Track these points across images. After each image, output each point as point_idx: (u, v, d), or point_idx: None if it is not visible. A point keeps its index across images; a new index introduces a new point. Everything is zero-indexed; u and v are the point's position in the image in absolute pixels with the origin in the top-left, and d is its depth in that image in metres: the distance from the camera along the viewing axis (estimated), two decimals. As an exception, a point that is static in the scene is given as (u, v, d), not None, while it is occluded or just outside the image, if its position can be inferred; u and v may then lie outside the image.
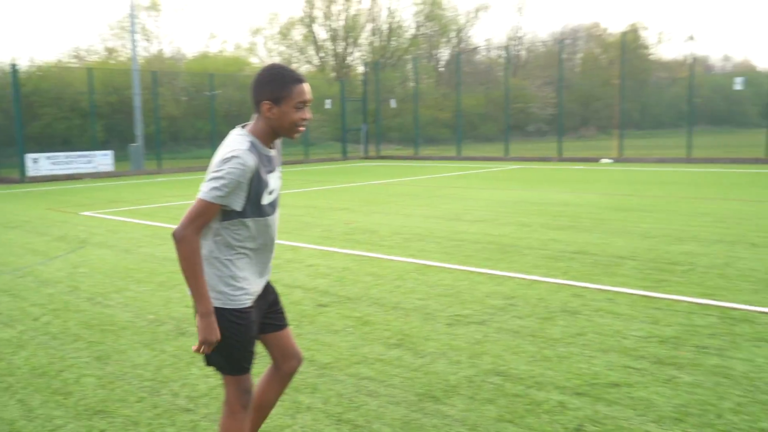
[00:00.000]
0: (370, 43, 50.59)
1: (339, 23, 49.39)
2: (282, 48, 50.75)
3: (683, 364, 4.30)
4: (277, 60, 48.75)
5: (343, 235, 9.65)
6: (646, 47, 53.80)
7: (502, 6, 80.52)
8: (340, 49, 49.96)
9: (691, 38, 50.35)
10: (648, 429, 3.43)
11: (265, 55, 50.72)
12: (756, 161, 22.91)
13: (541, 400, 3.81)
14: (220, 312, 2.54)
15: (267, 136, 2.59)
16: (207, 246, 2.56)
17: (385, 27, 50.83)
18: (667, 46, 54.04)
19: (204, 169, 20.87)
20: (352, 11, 49.30)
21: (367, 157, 33.52)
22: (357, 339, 4.98)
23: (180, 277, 6.14)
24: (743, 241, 8.28)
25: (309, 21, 49.67)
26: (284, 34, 50.19)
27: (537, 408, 3.72)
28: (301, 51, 50.75)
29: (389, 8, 50.88)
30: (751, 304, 5.55)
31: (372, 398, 3.91)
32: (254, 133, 2.57)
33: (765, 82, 48.63)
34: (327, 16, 49.18)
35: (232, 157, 2.44)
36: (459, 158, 30.11)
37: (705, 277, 6.52)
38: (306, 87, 2.55)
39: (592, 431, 3.45)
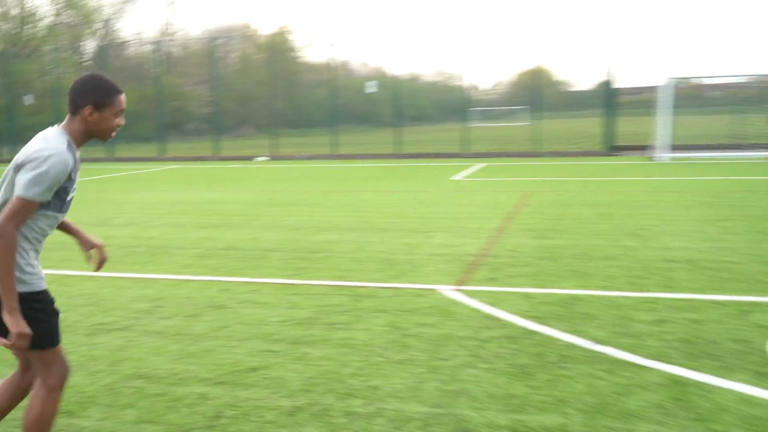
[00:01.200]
0: (-4, 30, 44.66)
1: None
2: None
3: (315, 340, 4.80)
4: None
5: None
6: (294, 50, 57.10)
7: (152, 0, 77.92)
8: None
9: (332, 44, 54.71)
10: (280, 403, 3.77)
11: None
12: (389, 156, 26.04)
13: (182, 395, 3.92)
14: (25, 297, 2.65)
15: (81, 137, 2.73)
16: None
17: (15, 11, 45.34)
18: (313, 50, 57.97)
19: None
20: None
21: (-1, 161, 29.66)
22: (-23, 364, 4.50)
23: None
24: (374, 228, 9.43)
25: None
26: None
27: (178, 403, 3.81)
28: None
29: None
30: (374, 281, 6.40)
31: (-7, 425, 3.59)
32: (70, 134, 2.69)
33: (396, 86, 55.45)
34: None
35: (53, 155, 2.55)
36: (111, 159, 28.43)
37: (340, 262, 7.29)
38: (124, 97, 2.76)
39: (230, 415, 3.67)
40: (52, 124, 2.85)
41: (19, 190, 2.52)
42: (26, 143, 2.74)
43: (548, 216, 9.96)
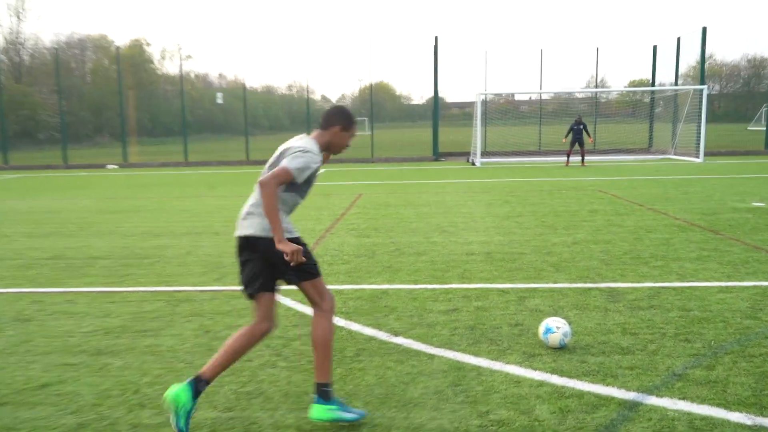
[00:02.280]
0: None
1: None
2: None
3: (120, 350, 4.30)
4: None
5: None
6: (151, 61, 54.00)
7: None
8: None
9: (189, 57, 52.42)
10: (64, 421, 3.28)
11: None
12: (240, 163, 25.20)
13: (-46, 421, 3.31)
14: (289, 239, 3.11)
15: (323, 147, 3.30)
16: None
17: None
18: (170, 62, 55.10)
19: None
20: None
21: None
22: None
23: None
24: (209, 231, 8.89)
25: None
26: None
27: (-54, 431, 3.21)
28: None
29: None
30: (195, 285, 5.95)
31: None
32: (318, 143, 3.26)
33: (250, 97, 54.09)
34: None
35: (311, 152, 3.14)
36: (-50, 169, 25.18)
37: (167, 267, 6.74)
38: (357, 127, 3.38)
39: (7, 439, 3.13)
40: None
41: (283, 162, 3.08)
42: None
43: (372, 216, 9.93)
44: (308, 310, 5.02)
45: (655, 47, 27.77)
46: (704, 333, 4.30)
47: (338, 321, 4.76)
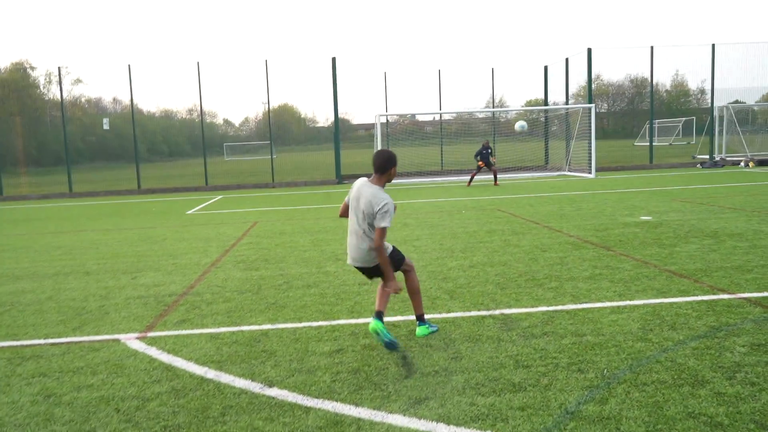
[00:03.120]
0: None
1: None
2: None
3: (-68, 428, 3.56)
4: None
5: None
6: (36, 86, 50.66)
7: None
8: None
9: (79, 81, 49.62)
10: None
11: None
12: (132, 192, 23.81)
13: None
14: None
15: (383, 185, 4.64)
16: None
17: None
18: (57, 87, 51.96)
19: None
20: None
21: None
22: None
23: None
24: (79, 271, 8.04)
25: None
26: None
27: None
28: None
29: None
30: (47, 337, 5.19)
31: None
32: (382, 186, 4.60)
33: (148, 122, 51.78)
34: None
35: (390, 202, 4.46)
36: None
37: (18, 317, 5.91)
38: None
39: None
40: None
41: (381, 224, 4.40)
42: None
43: (264, 246, 9.38)
44: (175, 361, 4.44)
45: (546, 68, 28.94)
46: (597, 360, 4.11)
47: (207, 372, 4.22)
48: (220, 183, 25.05)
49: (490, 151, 20.03)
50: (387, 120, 28.39)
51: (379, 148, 22.45)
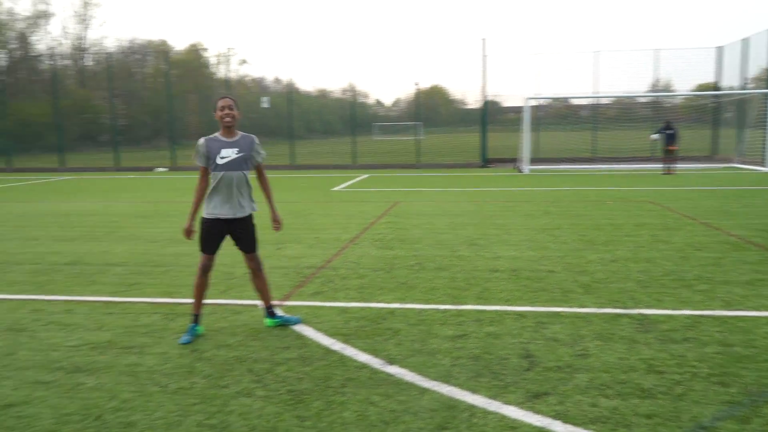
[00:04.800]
0: None
1: None
2: None
3: (98, 368, 4.09)
4: None
5: None
6: (207, 66, 55.12)
7: (66, 16, 73.36)
8: None
9: (245, 61, 53.29)
10: (12, 450, 3.07)
11: None
12: (284, 167, 25.28)
13: None
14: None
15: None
16: None
17: None
18: (226, 67, 56.15)
19: None
20: None
21: None
22: None
23: None
24: (228, 241, 8.70)
25: None
26: None
27: None
28: None
29: None
30: (216, 299, 5.71)
31: None
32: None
33: (305, 101, 54.45)
34: None
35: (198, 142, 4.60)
36: (10, 170, 26.22)
37: (177, 276, 6.55)
38: (221, 102, 4.55)
39: (-49, 467, 2.93)
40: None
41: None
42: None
43: (402, 226, 9.55)
44: (306, 331, 4.71)
45: (720, 49, 26.36)
46: (744, 375, 3.75)
47: (334, 344, 4.43)
48: (367, 162, 25.79)
49: (674, 132, 18.55)
50: (538, 103, 27.48)
51: (526, 132, 21.88)
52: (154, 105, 47.55)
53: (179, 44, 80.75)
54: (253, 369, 4.01)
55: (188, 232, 4.69)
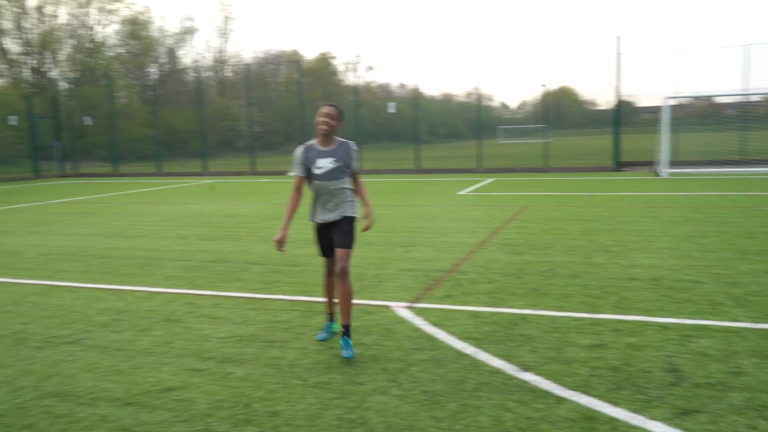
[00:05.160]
0: (71, 59, 45.81)
1: (33, 36, 43.88)
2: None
3: (245, 359, 4.38)
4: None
5: (-23, 260, 8.36)
6: (336, 74, 57.11)
7: (209, 30, 79.11)
8: (35, 64, 44.40)
9: (371, 68, 54.71)
10: (175, 429, 3.37)
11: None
12: (410, 171, 25.58)
13: (83, 417, 3.55)
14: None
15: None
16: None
17: (86, 43, 46.50)
18: (353, 74, 57.89)
19: None
20: (47, 26, 44.18)
21: (63, 175, 30.23)
22: None
23: None
24: (360, 242, 8.98)
25: (-3, 33, 43.25)
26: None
27: (74, 426, 3.44)
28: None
29: (87, 25, 46.62)
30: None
31: None
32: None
33: (429, 106, 54.84)
34: (20, 29, 43.34)
35: (296, 151, 4.60)
36: (160, 174, 28.67)
37: (313, 275, 6.86)
38: (322, 110, 4.49)
39: (123, 441, 3.28)
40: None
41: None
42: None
43: (531, 231, 9.36)
44: (437, 333, 4.76)
45: None
46: None
47: (466, 348, 4.44)
48: (493, 165, 25.50)
49: None
50: (679, 102, 25.79)
51: (665, 133, 20.60)
52: (286, 112, 50.03)
53: (310, 53, 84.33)
54: (387, 368, 4.11)
55: (280, 243, 4.58)
